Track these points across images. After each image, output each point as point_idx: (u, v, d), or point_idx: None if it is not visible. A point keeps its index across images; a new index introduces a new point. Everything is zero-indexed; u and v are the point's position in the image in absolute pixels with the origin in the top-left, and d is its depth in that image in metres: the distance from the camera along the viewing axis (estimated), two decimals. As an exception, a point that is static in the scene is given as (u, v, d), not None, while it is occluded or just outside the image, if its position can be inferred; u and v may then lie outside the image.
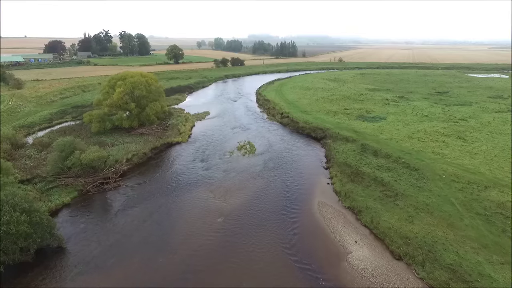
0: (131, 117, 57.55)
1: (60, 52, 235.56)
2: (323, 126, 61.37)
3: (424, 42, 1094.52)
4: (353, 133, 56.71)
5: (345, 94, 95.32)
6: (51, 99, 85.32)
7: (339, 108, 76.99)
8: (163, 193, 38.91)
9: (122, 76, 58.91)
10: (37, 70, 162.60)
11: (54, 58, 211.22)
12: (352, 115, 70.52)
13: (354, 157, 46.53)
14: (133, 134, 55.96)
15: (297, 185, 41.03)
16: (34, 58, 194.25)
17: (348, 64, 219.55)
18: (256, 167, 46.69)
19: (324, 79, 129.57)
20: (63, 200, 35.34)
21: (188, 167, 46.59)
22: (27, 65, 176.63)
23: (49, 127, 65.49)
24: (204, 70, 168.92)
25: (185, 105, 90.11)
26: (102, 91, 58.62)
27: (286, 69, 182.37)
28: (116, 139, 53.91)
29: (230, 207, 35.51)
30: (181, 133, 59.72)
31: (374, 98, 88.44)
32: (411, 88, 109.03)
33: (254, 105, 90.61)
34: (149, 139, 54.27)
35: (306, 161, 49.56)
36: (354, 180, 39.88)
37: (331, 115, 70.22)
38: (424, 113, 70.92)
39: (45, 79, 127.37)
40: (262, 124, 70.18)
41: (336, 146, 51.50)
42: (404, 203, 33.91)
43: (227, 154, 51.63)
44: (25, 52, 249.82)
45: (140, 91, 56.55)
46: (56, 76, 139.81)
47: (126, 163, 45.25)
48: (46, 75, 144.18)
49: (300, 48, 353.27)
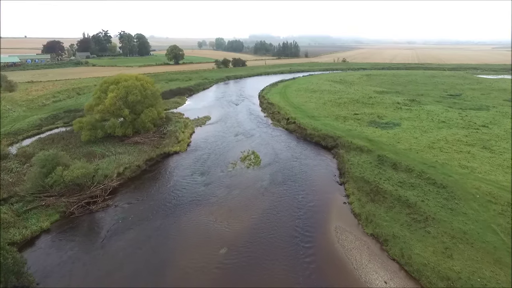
0: (124, 124, 52.83)
1: (58, 52, 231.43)
2: (333, 133, 56.54)
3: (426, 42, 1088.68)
4: (367, 142, 51.88)
5: (353, 97, 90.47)
6: (43, 103, 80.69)
7: (348, 113, 72.15)
8: (157, 215, 34.15)
9: (115, 80, 54.20)
10: (33, 71, 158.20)
11: (52, 58, 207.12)
12: (363, 120, 65.69)
13: (372, 171, 41.69)
14: (126, 143, 51.22)
15: (310, 205, 36.25)
16: (31, 59, 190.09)
17: (352, 64, 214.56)
18: (263, 182, 41.89)
19: (329, 81, 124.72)
20: (41, 225, 30.60)
21: (186, 182, 41.83)
22: (24, 66, 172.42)
23: (37, 134, 60.82)
24: (205, 71, 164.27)
25: (184, 108, 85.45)
26: (94, 96, 53.92)
27: (289, 70, 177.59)
28: (107, 148, 49.17)
29: (234, 234, 30.73)
30: (179, 141, 54.97)
31: (384, 102, 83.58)
32: (421, 91, 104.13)
33: (257, 108, 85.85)
34: (144, 149, 49.52)
35: (317, 175, 44.76)
36: (374, 200, 35.06)
37: (341, 121, 65.39)
38: (440, 118, 66.03)
39: (40, 81, 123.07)
40: (267, 130, 65.42)
41: (350, 158, 46.67)
42: (437, 230, 29.07)
43: (229, 166, 46.85)
44: (24, 52, 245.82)
45: (134, 96, 51.79)
46: (52, 77, 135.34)
47: (117, 178, 40.49)
48: (42, 76, 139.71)
49: (302, 48, 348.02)
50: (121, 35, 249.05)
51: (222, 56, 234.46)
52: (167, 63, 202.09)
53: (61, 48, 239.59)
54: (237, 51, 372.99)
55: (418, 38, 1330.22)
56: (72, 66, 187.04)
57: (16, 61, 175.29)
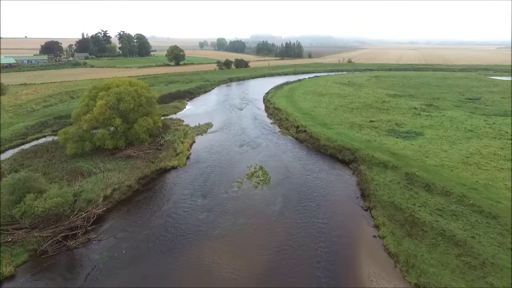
0: (116, 135, 46.79)
1: (56, 53, 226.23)
2: (350, 145, 50.39)
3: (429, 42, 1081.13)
4: (391, 156, 45.71)
5: (365, 101, 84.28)
6: (32, 108, 74.85)
7: (363, 119, 65.97)
8: (147, 253, 28.11)
9: (106, 85, 48.19)
10: (28, 73, 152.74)
11: (49, 59, 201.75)
12: (381, 129, 59.51)
13: (402, 194, 35.55)
14: (118, 157, 45.20)
15: (333, 235, 30.21)
16: (27, 60, 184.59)
17: (358, 65, 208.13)
18: (274, 206, 35.82)
19: (337, 83, 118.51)
20: (3, 270, 24.62)
21: (185, 206, 35.79)
22: (20, 67, 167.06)
23: (21, 144, 54.98)
24: (206, 72, 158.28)
25: (184, 114, 79.46)
26: (81, 104, 47.96)
27: (293, 71, 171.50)
28: (96, 164, 43.17)
29: (243, 281, 24.68)
30: (178, 154, 48.97)
31: (400, 107, 77.35)
32: (436, 94, 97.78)
33: (262, 114, 79.77)
34: (137, 164, 43.46)
35: (337, 195, 38.67)
36: (412, 234, 28.91)
37: (356, 130, 59.23)
38: (466, 126, 59.76)
39: (34, 83, 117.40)
40: (274, 140, 59.35)
41: (373, 176, 40.52)
42: (501, 282, 22.93)
43: (234, 185, 40.78)
44: (24, 53, 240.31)
45: (127, 104, 45.73)
46: (47, 79, 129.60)
47: (104, 202, 34.50)
48: (37, 78, 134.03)
49: (304, 48, 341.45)
50: (120, 35, 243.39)
51: (224, 56, 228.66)
52: (168, 64, 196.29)
53: (59, 48, 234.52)
54: (239, 52, 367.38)
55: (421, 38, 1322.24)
56: (69, 67, 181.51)
57: (12, 62, 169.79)
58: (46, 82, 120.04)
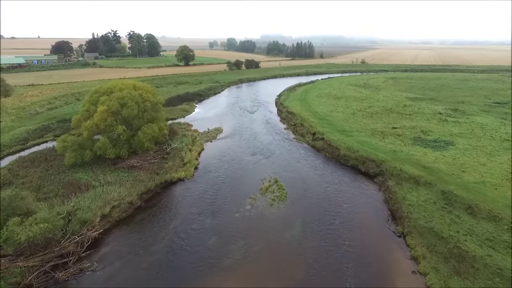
0: (119, 143, 43.06)
1: (67, 53, 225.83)
2: (374, 156, 45.60)
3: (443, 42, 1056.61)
4: (422, 169, 40.77)
5: (384, 105, 79.05)
6: (35, 111, 72.13)
7: (385, 126, 60.97)
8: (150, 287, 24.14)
9: (109, 89, 44.50)
10: (38, 73, 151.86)
11: (59, 59, 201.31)
12: (406, 137, 54.48)
13: (441, 218, 30.76)
14: (120, 168, 41.46)
15: (362, 266, 25.69)
16: (37, 60, 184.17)
17: (372, 66, 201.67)
18: (293, 229, 31.46)
19: (352, 85, 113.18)
20: (-23, 312, 20.98)
21: (192, 227, 31.74)
22: (29, 67, 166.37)
23: (21, 150, 51.99)
24: (216, 73, 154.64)
25: (193, 118, 75.65)
26: (82, 109, 44.45)
27: (305, 72, 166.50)
28: (95, 175, 39.51)
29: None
30: (185, 164, 45.03)
31: (423, 112, 71.91)
32: (459, 97, 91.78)
33: (275, 118, 75.37)
34: (140, 176, 39.63)
35: (363, 215, 34.11)
36: (460, 272, 24.18)
37: (379, 137, 54.34)
38: (501, 135, 54.26)
39: (41, 84, 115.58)
40: (289, 147, 54.95)
41: (404, 194, 35.77)
42: None
43: (247, 201, 36.56)
44: (35, 53, 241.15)
45: (130, 110, 41.93)
46: (55, 79, 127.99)
47: (102, 222, 30.73)
48: (46, 78, 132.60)
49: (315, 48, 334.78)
50: (130, 35, 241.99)
51: (234, 56, 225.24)
52: (177, 64, 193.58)
53: (69, 48, 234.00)
54: (249, 52, 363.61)
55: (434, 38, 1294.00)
56: (79, 67, 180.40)
57: (22, 62, 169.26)
58: (53, 83, 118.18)
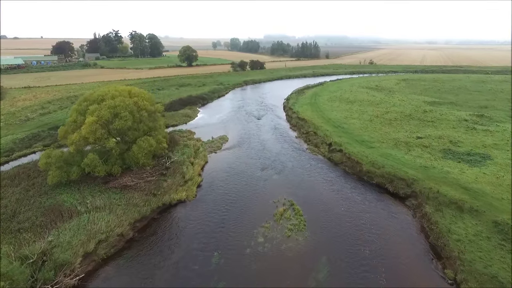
0: (110, 159, 37.52)
1: (68, 53, 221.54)
2: (403, 173, 39.71)
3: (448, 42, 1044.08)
4: (462, 191, 34.86)
5: (402, 110, 73.08)
6: (26, 117, 66.91)
7: (407, 135, 55.05)
8: None
9: (100, 96, 38.88)
10: (36, 74, 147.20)
11: (60, 60, 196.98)
12: (434, 148, 48.55)
13: (502, 260, 24.86)
14: (111, 188, 35.90)
15: None
16: (36, 60, 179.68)
17: (380, 67, 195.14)
18: (316, 272, 25.66)
19: (364, 87, 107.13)
20: None
21: (192, 270, 26.06)
22: (28, 68, 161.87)
23: (6, 163, 46.76)
24: (220, 74, 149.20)
25: (196, 124, 70.07)
26: (69, 119, 38.90)
27: (312, 73, 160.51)
28: (82, 197, 33.98)
29: None
30: (186, 182, 39.41)
31: (446, 118, 65.85)
32: (481, 101, 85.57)
33: (284, 125, 69.56)
34: (134, 199, 34.04)
35: (399, 249, 28.30)
36: None
37: (404, 149, 48.43)
38: (542, 147, 48.22)
39: (38, 86, 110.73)
40: (303, 160, 49.19)
41: (448, 224, 29.87)
42: None
43: (259, 232, 30.83)
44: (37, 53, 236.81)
45: (123, 121, 36.22)
46: (53, 81, 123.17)
47: (83, 262, 25.16)
48: (44, 80, 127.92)
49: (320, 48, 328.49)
50: (132, 35, 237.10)
51: (238, 57, 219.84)
52: (180, 65, 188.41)
53: (70, 49, 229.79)
54: (252, 52, 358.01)
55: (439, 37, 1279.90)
56: (79, 68, 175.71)
57: (20, 63, 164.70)
58: (51, 85, 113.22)
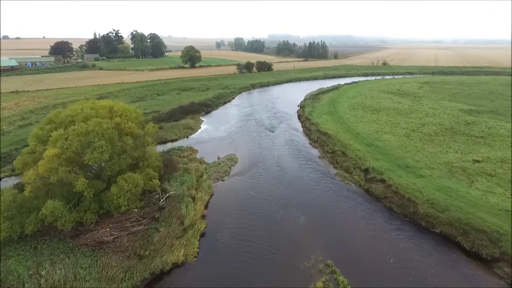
0: (83, 202, 27.47)
1: (66, 54, 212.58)
2: (479, 221, 29.18)
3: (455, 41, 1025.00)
4: None
5: (439, 121, 62.44)
6: (2, 130, 57.27)
7: (459, 156, 44.46)
8: None
9: (68, 117, 28.63)
10: (30, 77, 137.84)
11: (57, 61, 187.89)
12: (501, 178, 38.03)
13: None
14: (81, 246, 25.77)
15: None
16: (31, 62, 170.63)
17: (395, 68, 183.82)
18: None
19: (385, 92, 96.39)
20: None
21: None
22: (22, 70, 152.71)
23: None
24: (225, 77, 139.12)
25: (198, 138, 59.86)
26: (25, 151, 28.75)
27: (323, 75, 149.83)
28: (37, 265, 23.91)
29: None
30: (185, 230, 29.30)
31: (496, 132, 55.19)
32: (524, 109, 74.60)
33: (302, 139, 59.09)
34: (110, 267, 23.89)
35: None
36: None
37: (464, 179, 37.88)
38: None
39: (28, 91, 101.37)
40: (333, 192, 38.77)
41: None
42: None
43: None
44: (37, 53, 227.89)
45: (97, 155, 25.79)
46: (46, 85, 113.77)
47: None
48: (36, 83, 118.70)
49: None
50: (133, 35, 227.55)
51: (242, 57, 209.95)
52: (182, 66, 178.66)
53: (69, 49, 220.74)
54: (257, 52, 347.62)
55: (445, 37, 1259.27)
56: (76, 70, 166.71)
57: (14, 64, 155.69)
58: (41, 89, 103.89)
